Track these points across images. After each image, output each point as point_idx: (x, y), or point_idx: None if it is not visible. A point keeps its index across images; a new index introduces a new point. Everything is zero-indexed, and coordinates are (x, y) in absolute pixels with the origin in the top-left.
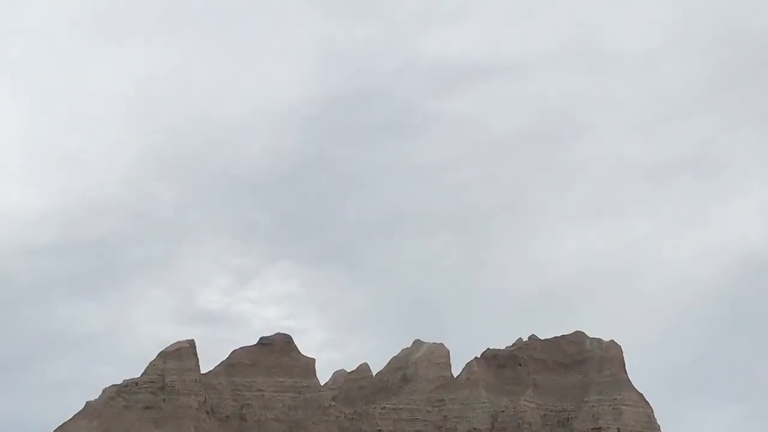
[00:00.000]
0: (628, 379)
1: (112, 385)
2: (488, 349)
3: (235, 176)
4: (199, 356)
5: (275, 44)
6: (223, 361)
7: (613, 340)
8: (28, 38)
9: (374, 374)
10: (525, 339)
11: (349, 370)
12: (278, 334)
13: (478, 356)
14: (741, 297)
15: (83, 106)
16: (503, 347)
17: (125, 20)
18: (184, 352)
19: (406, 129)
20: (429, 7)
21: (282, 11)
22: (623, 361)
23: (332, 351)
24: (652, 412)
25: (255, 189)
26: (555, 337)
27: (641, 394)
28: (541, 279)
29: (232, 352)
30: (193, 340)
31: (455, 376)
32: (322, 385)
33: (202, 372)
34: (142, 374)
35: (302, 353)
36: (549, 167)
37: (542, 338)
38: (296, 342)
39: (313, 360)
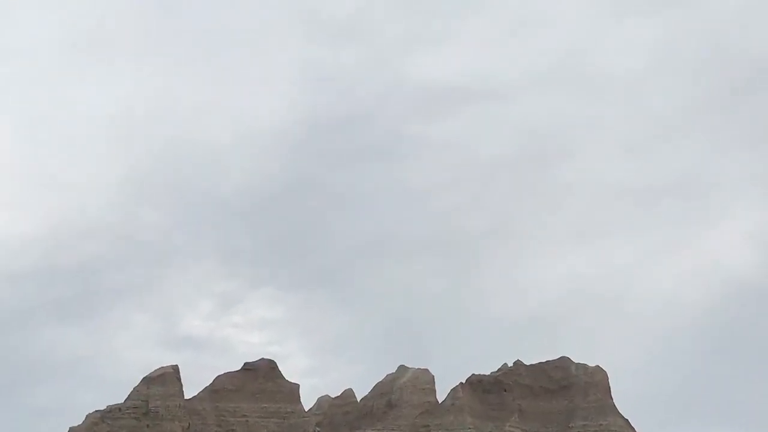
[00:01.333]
0: (614, 405)
1: (96, 411)
2: (473, 374)
3: (219, 200)
4: (183, 381)
5: (260, 68)
6: (207, 387)
7: (598, 366)
8: (12, 60)
9: (359, 400)
10: (510, 364)
11: (333, 396)
12: (262, 359)
13: (464, 382)
14: (728, 322)
15: (67, 129)
16: (488, 373)
17: (110, 43)
18: (168, 378)
19: (392, 153)
20: (414, 31)
21: (267, 35)
22: (609, 387)
23: (317, 376)
24: None
25: (239, 213)
26: (540, 363)
27: (627, 419)
28: (527, 304)
29: (216, 378)
30: (177, 365)
31: (440, 402)
32: (306, 410)
33: (186, 397)
34: (125, 399)
35: (287, 379)
36: (535, 191)
37: (528, 364)
38: (281, 367)
39: (298, 385)
